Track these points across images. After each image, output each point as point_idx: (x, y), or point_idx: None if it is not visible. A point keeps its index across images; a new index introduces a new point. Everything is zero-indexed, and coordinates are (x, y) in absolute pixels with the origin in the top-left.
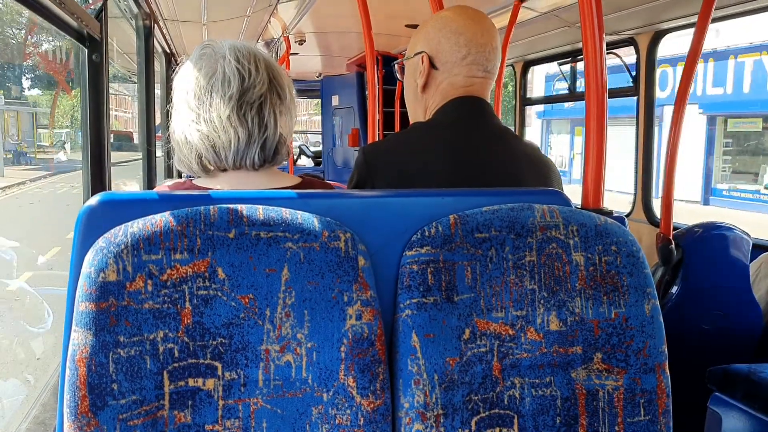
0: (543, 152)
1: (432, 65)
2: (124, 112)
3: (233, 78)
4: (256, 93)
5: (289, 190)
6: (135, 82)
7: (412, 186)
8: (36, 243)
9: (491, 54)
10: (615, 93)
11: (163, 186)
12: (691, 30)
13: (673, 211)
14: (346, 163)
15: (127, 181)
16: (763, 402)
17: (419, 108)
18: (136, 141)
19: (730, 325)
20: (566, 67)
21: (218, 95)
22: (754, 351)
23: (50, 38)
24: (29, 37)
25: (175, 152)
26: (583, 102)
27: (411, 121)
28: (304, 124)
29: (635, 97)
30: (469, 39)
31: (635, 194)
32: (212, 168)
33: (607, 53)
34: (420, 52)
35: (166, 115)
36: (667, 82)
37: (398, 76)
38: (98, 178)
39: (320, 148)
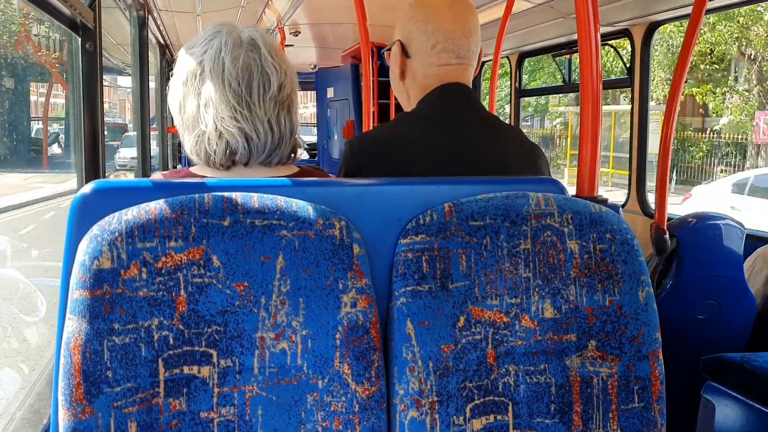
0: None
1: (405, 54)
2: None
3: (272, 77)
4: (285, 92)
5: (284, 178)
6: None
7: (399, 176)
8: None
9: (462, 40)
10: (610, 84)
11: (158, 175)
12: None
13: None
14: (342, 155)
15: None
16: (756, 390)
17: (403, 96)
18: (130, 132)
19: (724, 315)
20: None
21: (258, 94)
22: (747, 340)
23: None
24: None
25: (194, 142)
26: None
27: (403, 110)
28: None
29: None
30: (436, 27)
31: (629, 185)
32: (234, 163)
33: (602, 44)
34: (396, 41)
35: (161, 107)
36: None
37: (388, 63)
38: (92, 167)
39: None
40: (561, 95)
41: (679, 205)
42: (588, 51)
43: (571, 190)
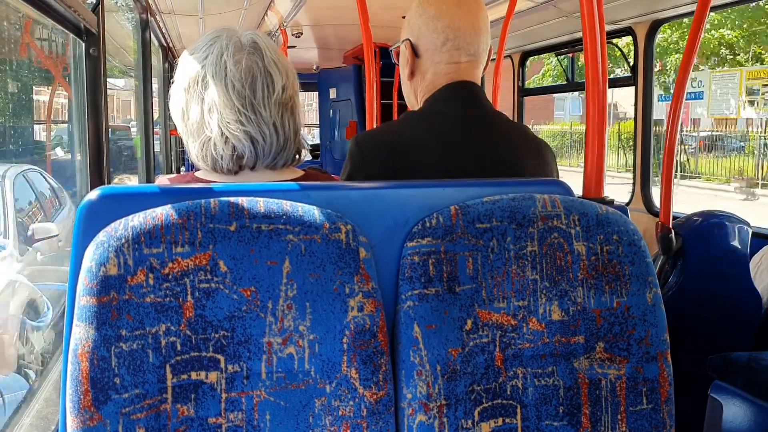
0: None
1: (415, 53)
2: None
3: (276, 78)
4: (288, 94)
5: (289, 182)
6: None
7: (405, 175)
8: None
9: (473, 37)
10: (613, 83)
11: (164, 179)
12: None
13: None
14: (345, 156)
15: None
16: (763, 389)
17: (411, 95)
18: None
19: (730, 313)
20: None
21: (262, 96)
22: (753, 339)
23: None
24: None
25: (200, 149)
26: None
27: (409, 109)
28: None
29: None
30: (447, 24)
31: (633, 184)
32: (241, 167)
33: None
34: (405, 40)
35: (164, 109)
36: None
37: (395, 61)
38: (97, 172)
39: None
40: None
41: None
42: (593, 49)
43: None
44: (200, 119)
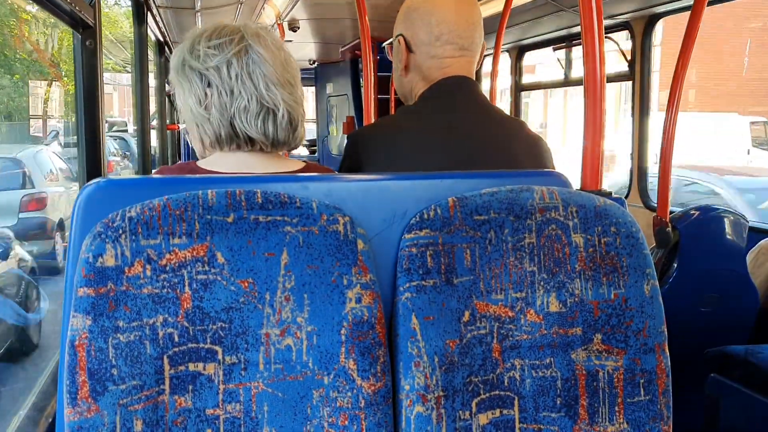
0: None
1: (408, 48)
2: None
3: (296, 67)
4: (300, 84)
5: (288, 174)
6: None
7: (400, 169)
8: None
9: (466, 31)
10: (610, 78)
11: (165, 168)
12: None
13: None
14: (342, 151)
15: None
16: (759, 382)
17: (406, 90)
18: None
19: (727, 307)
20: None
21: (296, 81)
22: (750, 332)
23: None
24: None
25: (211, 130)
26: None
27: (404, 103)
28: None
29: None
30: (440, 19)
31: (631, 178)
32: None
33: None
34: (398, 35)
35: (161, 104)
36: None
37: (389, 57)
38: (93, 164)
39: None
40: None
41: None
42: (591, 44)
43: None
44: (253, 88)
